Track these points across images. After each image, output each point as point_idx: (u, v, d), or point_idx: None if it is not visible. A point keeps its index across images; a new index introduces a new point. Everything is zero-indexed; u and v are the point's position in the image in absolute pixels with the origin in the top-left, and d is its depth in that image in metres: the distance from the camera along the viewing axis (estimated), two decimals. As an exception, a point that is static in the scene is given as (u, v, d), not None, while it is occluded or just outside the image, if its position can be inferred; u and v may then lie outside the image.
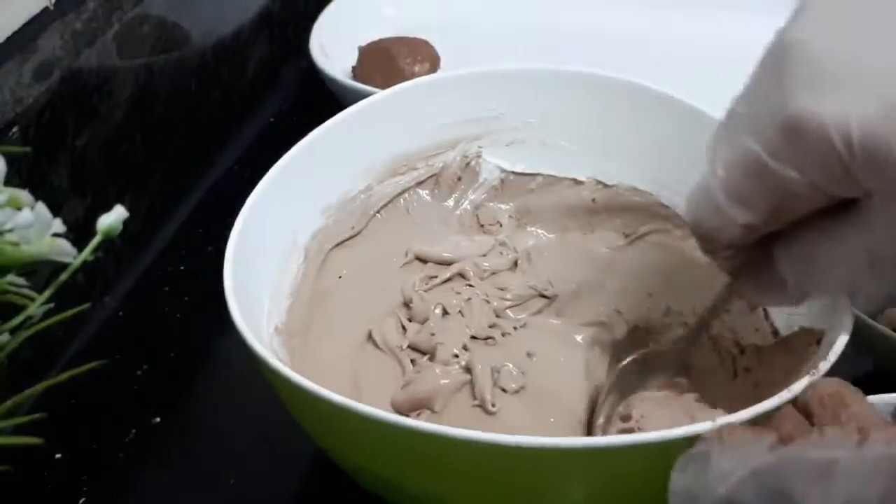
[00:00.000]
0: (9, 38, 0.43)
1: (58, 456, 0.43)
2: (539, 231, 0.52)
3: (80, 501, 0.42)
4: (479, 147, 0.51)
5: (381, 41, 0.69)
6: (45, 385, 0.28)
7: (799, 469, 0.24)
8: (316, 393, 0.31)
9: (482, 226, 0.52)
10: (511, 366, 0.43)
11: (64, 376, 0.28)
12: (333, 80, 0.64)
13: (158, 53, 0.55)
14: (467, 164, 0.51)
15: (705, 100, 0.46)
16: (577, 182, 0.51)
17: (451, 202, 0.52)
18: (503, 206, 0.52)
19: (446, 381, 0.42)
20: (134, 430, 0.45)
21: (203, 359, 0.50)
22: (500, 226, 0.51)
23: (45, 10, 0.45)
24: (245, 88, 0.68)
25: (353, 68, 0.68)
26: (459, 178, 0.51)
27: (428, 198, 0.51)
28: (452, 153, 0.51)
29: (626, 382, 0.41)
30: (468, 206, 0.52)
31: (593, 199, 0.50)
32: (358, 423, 0.31)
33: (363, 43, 0.70)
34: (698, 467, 0.26)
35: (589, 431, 0.40)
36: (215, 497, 0.42)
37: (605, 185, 0.50)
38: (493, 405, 0.41)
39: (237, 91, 0.67)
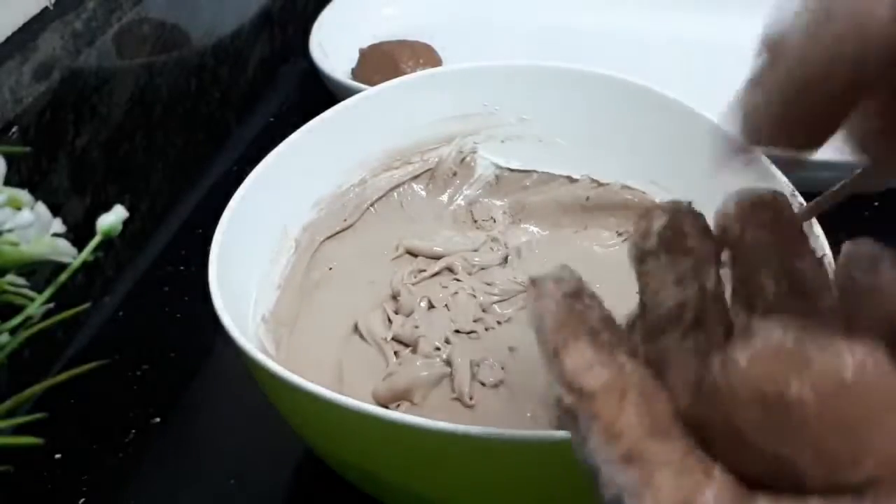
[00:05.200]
0: (9, 38, 0.43)
1: (58, 456, 0.43)
2: (532, 228, 0.52)
3: (80, 501, 0.42)
4: (475, 143, 0.51)
5: (382, 43, 0.69)
6: (45, 385, 0.28)
7: None
8: (289, 380, 0.32)
9: (476, 221, 0.52)
10: (491, 360, 0.43)
11: (64, 376, 0.28)
12: (333, 80, 0.64)
13: (158, 53, 0.55)
14: (462, 159, 0.51)
15: (700, 100, 0.46)
16: (571, 180, 0.51)
17: (445, 197, 0.52)
18: (497, 203, 0.53)
19: (426, 373, 0.42)
20: (134, 430, 0.45)
21: (203, 359, 0.50)
22: (494, 222, 0.52)
23: (45, 10, 0.45)
24: (245, 88, 0.68)
25: (353, 70, 0.68)
26: (454, 174, 0.52)
27: (422, 192, 0.52)
28: (448, 148, 0.51)
29: None
30: (462, 202, 0.52)
31: (587, 197, 0.51)
32: (333, 413, 0.31)
33: (363, 43, 0.69)
34: None
35: None
36: (215, 497, 0.42)
37: (600, 184, 0.50)
38: (471, 398, 0.41)
39: (237, 91, 0.67)
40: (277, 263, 0.45)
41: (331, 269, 0.48)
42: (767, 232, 0.22)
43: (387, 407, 0.41)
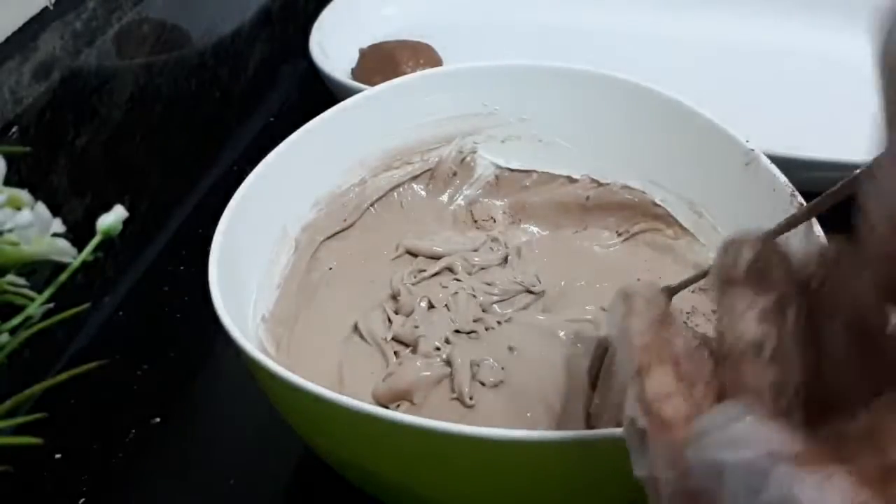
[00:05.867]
0: (9, 39, 0.43)
1: (58, 456, 0.43)
2: (532, 228, 0.52)
3: (80, 501, 0.42)
4: (475, 143, 0.51)
5: (382, 44, 0.69)
6: (45, 385, 0.28)
7: None
8: (289, 380, 0.32)
9: (476, 221, 0.52)
10: (491, 360, 0.43)
11: (64, 376, 0.28)
12: (333, 80, 0.64)
13: (158, 53, 0.55)
14: (462, 159, 0.51)
15: (700, 100, 0.46)
16: (571, 180, 0.51)
17: (445, 197, 0.52)
18: (497, 203, 0.53)
19: (427, 373, 0.42)
20: (134, 430, 0.45)
21: (203, 359, 0.50)
22: (494, 222, 0.52)
23: (45, 10, 0.45)
24: (245, 88, 0.68)
25: (353, 70, 0.68)
26: (454, 174, 0.52)
27: (422, 192, 0.52)
28: (448, 148, 0.51)
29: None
30: (462, 202, 0.52)
31: (587, 197, 0.51)
32: (333, 413, 0.31)
33: (363, 43, 0.70)
34: None
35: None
36: (215, 497, 0.42)
37: (599, 184, 0.51)
38: (471, 398, 0.41)
39: (237, 91, 0.67)
40: (277, 263, 0.45)
41: (331, 269, 0.48)
42: (849, 288, 0.22)
43: (387, 407, 0.41)
